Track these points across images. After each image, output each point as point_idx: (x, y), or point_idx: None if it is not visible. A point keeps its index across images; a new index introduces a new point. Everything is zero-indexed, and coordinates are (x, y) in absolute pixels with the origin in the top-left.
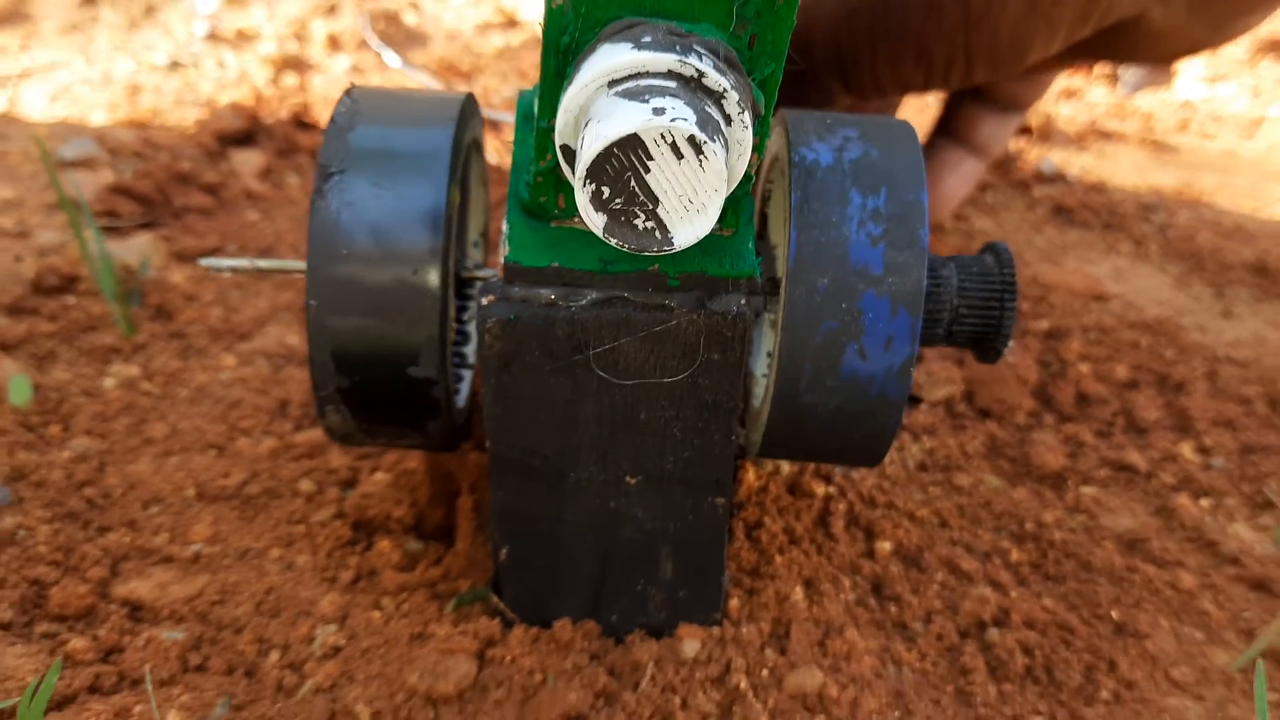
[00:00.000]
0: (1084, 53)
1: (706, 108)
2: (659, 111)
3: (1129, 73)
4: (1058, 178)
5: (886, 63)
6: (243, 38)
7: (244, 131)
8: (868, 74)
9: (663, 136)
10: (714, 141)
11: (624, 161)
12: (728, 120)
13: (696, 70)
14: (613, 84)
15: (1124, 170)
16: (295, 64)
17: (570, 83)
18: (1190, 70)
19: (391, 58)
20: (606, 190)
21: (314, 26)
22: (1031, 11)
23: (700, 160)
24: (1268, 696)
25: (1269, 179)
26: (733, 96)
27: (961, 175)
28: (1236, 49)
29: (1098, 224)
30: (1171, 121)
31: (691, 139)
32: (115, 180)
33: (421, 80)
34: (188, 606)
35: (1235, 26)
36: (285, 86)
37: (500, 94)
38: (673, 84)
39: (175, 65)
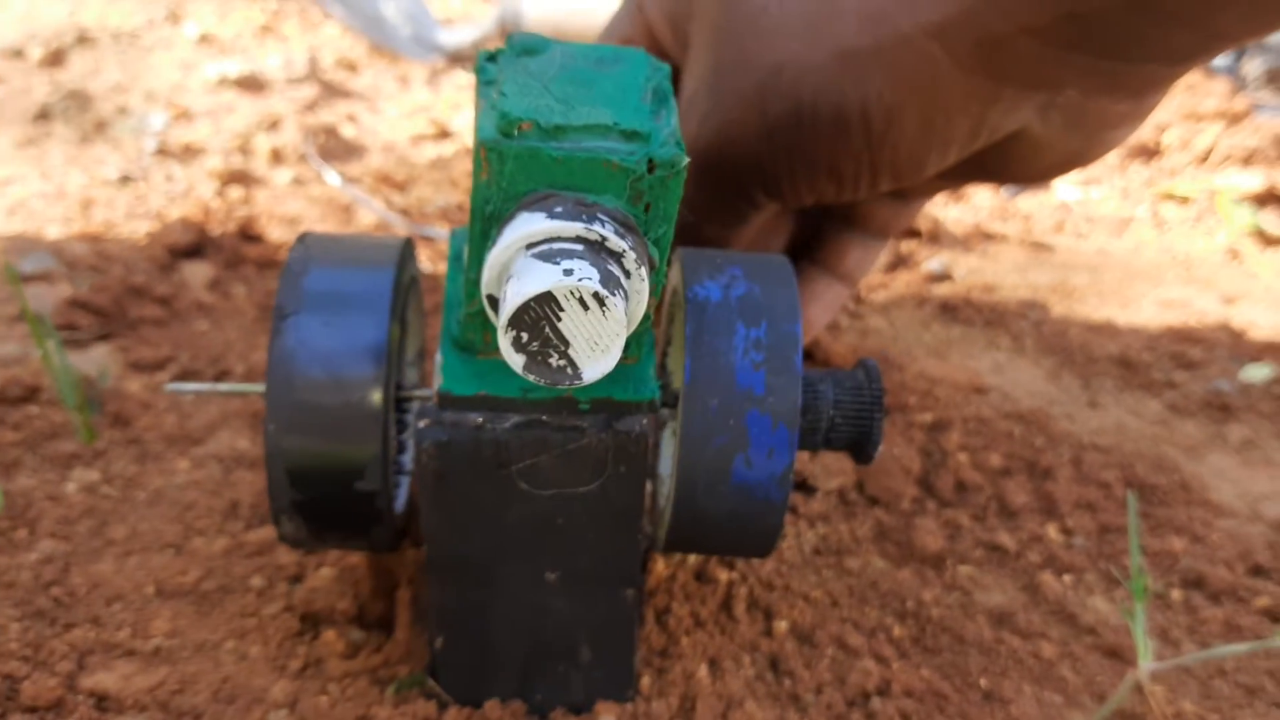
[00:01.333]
0: (974, 170)
1: (609, 266)
2: (568, 272)
3: None
4: (945, 277)
5: (803, 176)
6: (189, 152)
7: (193, 244)
8: (787, 185)
9: (571, 293)
10: (615, 295)
11: (539, 312)
12: (627, 275)
13: (600, 235)
14: (530, 247)
15: (1005, 269)
16: (240, 177)
17: (494, 243)
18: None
19: (332, 177)
20: (525, 335)
21: (257, 141)
22: (926, 132)
23: (603, 311)
24: None
25: (1135, 276)
26: (631, 255)
27: (826, 303)
28: (1108, 154)
29: (980, 321)
30: (1049, 223)
31: (596, 294)
32: (73, 294)
33: (357, 195)
34: (150, 696)
35: (1107, 138)
36: (231, 199)
37: (434, 203)
38: (580, 247)
39: (125, 179)
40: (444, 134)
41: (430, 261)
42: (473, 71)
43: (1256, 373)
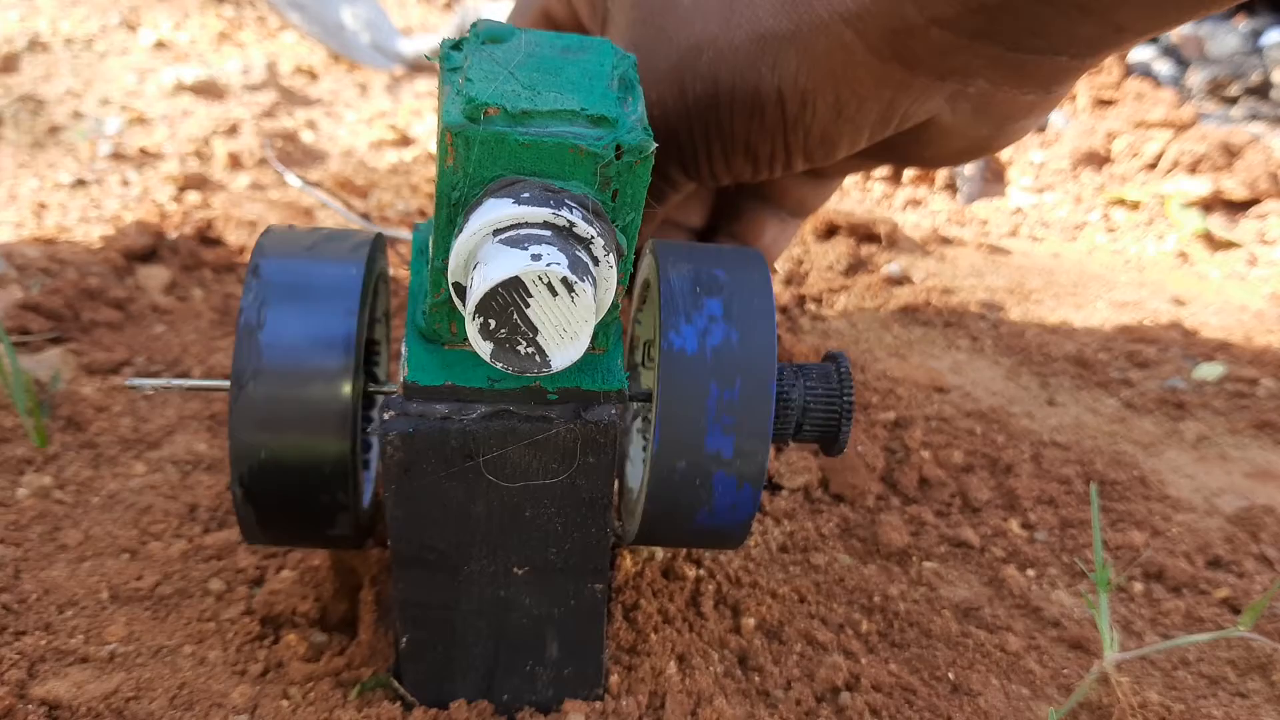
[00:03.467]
0: (887, 153)
1: (577, 252)
2: (536, 257)
3: (965, 183)
4: (904, 280)
5: (720, 156)
6: (146, 156)
7: (149, 248)
8: (704, 165)
9: (540, 278)
10: (583, 281)
11: (507, 299)
12: (595, 261)
13: (568, 221)
14: (497, 233)
15: (963, 272)
16: (197, 182)
17: (460, 230)
18: (1020, 180)
19: (293, 179)
20: (493, 322)
21: (215, 145)
22: (838, 116)
23: (572, 297)
24: None
25: (1088, 279)
26: (599, 242)
27: None
28: (1060, 161)
29: (940, 322)
30: (1004, 227)
31: (564, 280)
32: (24, 297)
33: (319, 197)
34: (104, 704)
35: (1014, 128)
36: (188, 203)
37: (394, 208)
38: (548, 233)
39: (80, 183)
40: (404, 140)
41: (392, 267)
42: (437, 61)
43: (1209, 371)
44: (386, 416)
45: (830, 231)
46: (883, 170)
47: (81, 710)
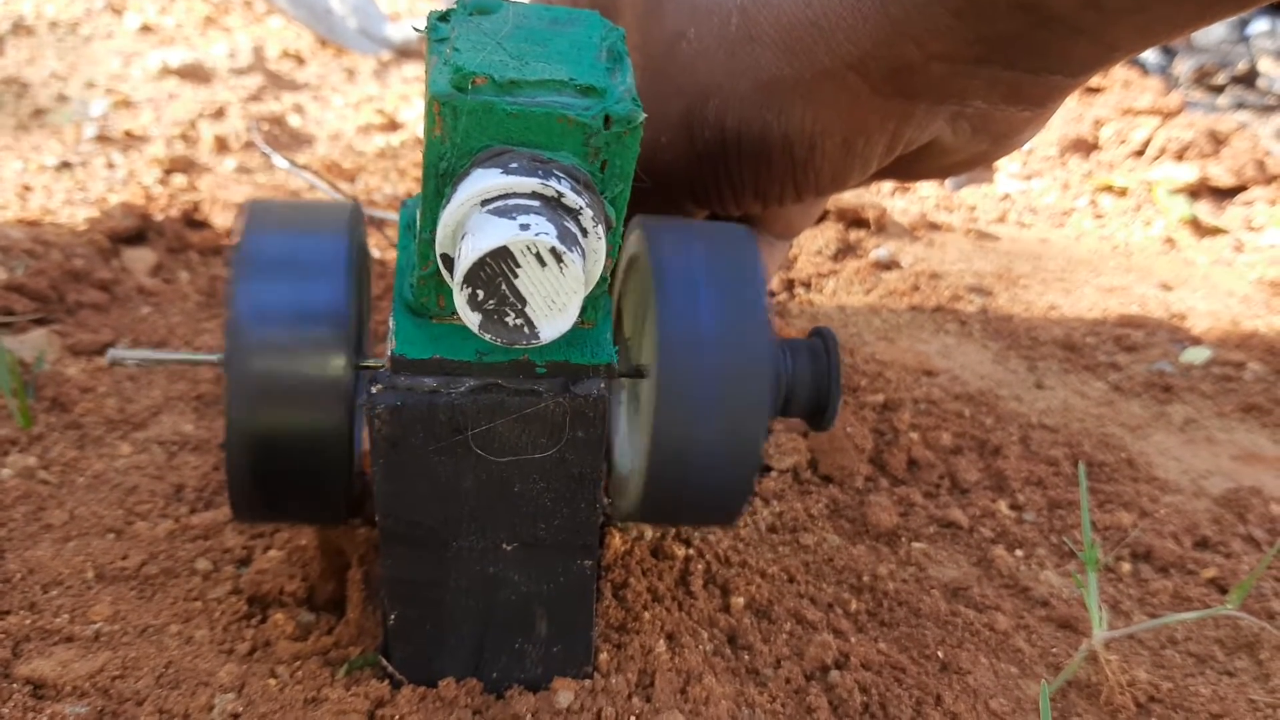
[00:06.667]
0: (887, 171)
1: (565, 223)
2: (525, 227)
3: None
4: (893, 264)
5: (730, 195)
6: (131, 139)
7: (135, 230)
8: (715, 201)
9: (528, 248)
10: (572, 251)
11: (495, 269)
12: (584, 233)
13: (556, 191)
14: (485, 203)
15: (951, 257)
16: (184, 165)
17: (448, 201)
18: (1008, 167)
19: (280, 161)
20: (481, 293)
21: (201, 128)
22: (847, 153)
23: (561, 267)
24: None
25: (1076, 264)
26: (588, 213)
27: None
28: (1048, 148)
29: (928, 306)
30: (992, 213)
31: (553, 250)
32: (8, 278)
33: (307, 180)
34: (90, 682)
35: (1011, 142)
36: (174, 186)
37: (382, 192)
38: (536, 203)
39: (64, 166)
40: (392, 125)
41: (380, 250)
42: (424, 33)
43: (1196, 355)
44: (374, 390)
45: (819, 216)
46: None
47: (67, 689)
